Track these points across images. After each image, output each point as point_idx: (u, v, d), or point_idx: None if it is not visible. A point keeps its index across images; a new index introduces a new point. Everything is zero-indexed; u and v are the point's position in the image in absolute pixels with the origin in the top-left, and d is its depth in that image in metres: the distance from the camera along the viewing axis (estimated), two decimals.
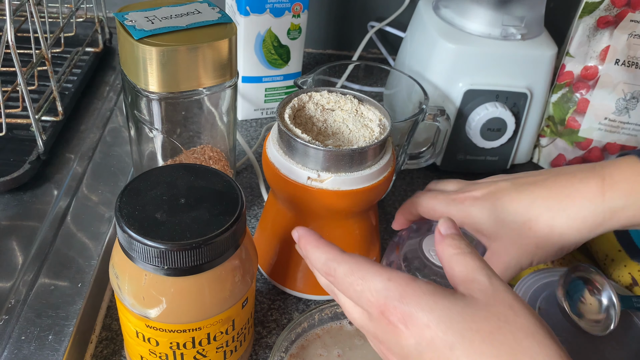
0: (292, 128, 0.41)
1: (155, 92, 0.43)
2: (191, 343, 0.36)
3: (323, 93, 0.45)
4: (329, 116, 0.45)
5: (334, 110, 0.45)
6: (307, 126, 0.44)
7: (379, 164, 0.42)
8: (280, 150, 0.42)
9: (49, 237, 0.49)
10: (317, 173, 0.41)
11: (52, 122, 0.59)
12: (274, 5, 0.62)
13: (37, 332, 0.42)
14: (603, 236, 0.46)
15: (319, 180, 0.41)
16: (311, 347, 0.42)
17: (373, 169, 0.42)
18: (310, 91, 0.46)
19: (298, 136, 0.40)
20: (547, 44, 0.60)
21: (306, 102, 0.45)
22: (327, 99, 0.45)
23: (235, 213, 0.34)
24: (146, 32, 0.41)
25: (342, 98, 0.45)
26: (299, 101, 0.45)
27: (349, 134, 0.43)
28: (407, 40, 0.69)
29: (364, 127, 0.43)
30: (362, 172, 0.41)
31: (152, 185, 0.35)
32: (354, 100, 0.45)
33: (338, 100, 0.45)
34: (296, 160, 0.42)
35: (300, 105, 0.45)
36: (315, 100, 0.45)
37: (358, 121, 0.44)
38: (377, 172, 0.42)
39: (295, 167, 0.41)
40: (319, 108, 0.45)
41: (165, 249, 0.31)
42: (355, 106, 0.45)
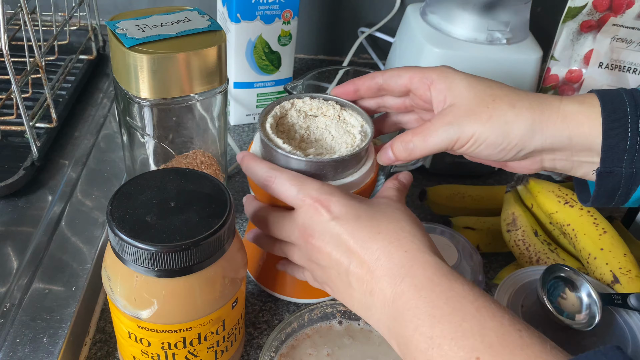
0: (274, 138, 0.41)
1: (147, 99, 0.44)
2: (182, 343, 0.37)
3: (305, 99, 0.45)
4: (312, 122, 0.45)
5: (316, 116, 0.45)
6: (289, 134, 0.44)
7: (361, 171, 0.42)
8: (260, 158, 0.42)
9: (43, 242, 0.50)
10: None
11: (47, 129, 0.60)
12: (265, 12, 0.63)
13: (31, 335, 0.42)
14: (586, 235, 0.47)
15: None
16: (301, 347, 0.43)
17: (355, 176, 0.42)
18: (293, 98, 0.45)
19: (279, 146, 0.40)
20: (532, 48, 0.62)
21: (288, 110, 0.45)
22: (309, 105, 0.45)
23: (223, 215, 0.35)
24: (137, 40, 0.43)
25: (324, 104, 0.45)
26: (281, 109, 0.44)
27: (332, 140, 0.43)
28: (396, 45, 0.70)
29: (347, 134, 0.43)
30: (343, 180, 0.41)
31: (142, 189, 0.36)
32: (336, 106, 0.45)
33: (320, 106, 0.45)
34: None
35: (282, 113, 0.45)
36: (298, 107, 0.45)
37: (341, 127, 0.44)
38: (359, 179, 0.42)
39: None
40: (301, 115, 0.45)
41: (155, 250, 0.32)
42: (338, 112, 0.45)
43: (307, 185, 0.38)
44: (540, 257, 0.49)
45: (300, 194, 0.37)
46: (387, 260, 0.34)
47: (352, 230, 0.35)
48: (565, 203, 0.49)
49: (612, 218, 0.55)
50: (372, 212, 0.37)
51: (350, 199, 0.37)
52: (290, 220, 0.39)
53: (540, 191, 0.51)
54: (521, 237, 0.50)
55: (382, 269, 0.33)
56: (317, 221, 0.36)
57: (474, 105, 0.39)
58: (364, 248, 0.34)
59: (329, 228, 0.36)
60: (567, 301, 0.40)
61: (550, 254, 0.49)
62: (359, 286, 0.35)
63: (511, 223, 0.51)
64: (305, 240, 0.37)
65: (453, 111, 0.40)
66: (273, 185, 0.39)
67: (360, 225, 0.35)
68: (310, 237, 0.37)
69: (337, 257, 0.36)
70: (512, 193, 0.53)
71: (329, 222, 0.36)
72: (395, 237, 0.35)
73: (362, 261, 0.34)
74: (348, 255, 0.35)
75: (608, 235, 0.46)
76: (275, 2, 0.63)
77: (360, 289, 0.35)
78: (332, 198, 0.37)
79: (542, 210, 0.51)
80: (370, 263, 0.34)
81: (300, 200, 0.37)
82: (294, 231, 0.38)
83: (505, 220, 0.52)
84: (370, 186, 0.44)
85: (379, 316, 0.34)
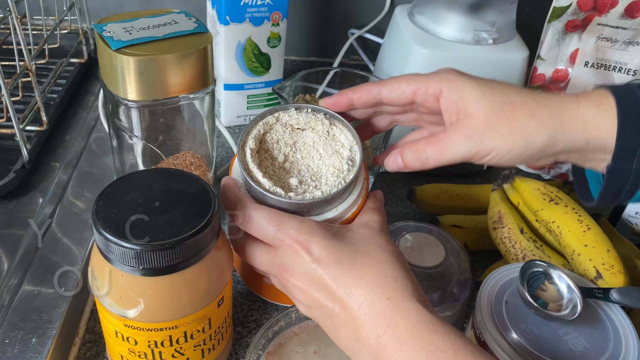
0: (253, 169, 0.39)
1: (134, 101, 0.45)
2: (169, 341, 0.37)
3: (291, 112, 0.42)
4: (299, 138, 0.42)
5: (304, 129, 0.42)
6: (273, 152, 0.41)
7: (347, 202, 0.40)
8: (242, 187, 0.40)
9: (33, 243, 0.51)
10: None
11: (37, 132, 0.60)
12: (253, 14, 0.64)
13: (20, 336, 0.43)
14: (571, 232, 0.47)
15: None
16: (288, 345, 0.43)
17: (340, 209, 0.40)
18: (278, 111, 0.42)
19: (258, 182, 0.38)
20: (518, 47, 0.62)
21: (273, 125, 0.42)
22: (295, 119, 0.42)
23: (208, 214, 0.35)
24: (124, 42, 0.43)
25: (312, 118, 0.42)
26: (265, 126, 0.42)
27: (319, 160, 0.41)
28: (385, 46, 0.70)
29: (335, 154, 0.41)
30: (326, 215, 0.39)
31: (128, 189, 0.36)
32: (325, 121, 0.42)
33: (308, 120, 0.42)
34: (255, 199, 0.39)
35: (266, 130, 0.42)
36: (284, 121, 0.42)
37: (329, 146, 0.41)
38: (345, 212, 0.40)
39: None
40: (287, 129, 0.42)
41: (139, 249, 0.33)
42: (327, 127, 0.42)
43: (286, 224, 0.36)
44: (526, 254, 0.49)
45: (278, 233, 0.36)
46: (370, 308, 0.33)
47: (334, 275, 0.35)
48: (551, 200, 0.50)
49: (598, 215, 0.56)
50: (353, 253, 0.36)
51: (330, 240, 0.36)
52: (269, 256, 0.38)
53: (526, 189, 0.52)
54: (507, 234, 0.50)
55: (366, 317, 0.33)
56: (298, 263, 0.36)
57: (493, 116, 0.38)
58: (348, 295, 0.34)
59: (310, 271, 0.35)
60: (548, 294, 0.40)
61: (536, 251, 0.49)
62: (344, 331, 0.35)
63: (497, 221, 0.52)
64: (286, 279, 0.37)
65: (471, 124, 0.38)
66: (248, 225, 0.37)
67: (343, 270, 0.35)
68: (291, 277, 0.36)
69: (321, 300, 0.35)
70: (498, 191, 0.54)
71: (310, 264, 0.35)
72: (377, 283, 0.34)
73: (346, 307, 0.34)
74: (332, 300, 0.35)
75: (592, 232, 0.47)
76: (264, 5, 0.64)
77: (346, 334, 0.35)
78: (311, 239, 0.36)
79: (528, 207, 0.52)
80: (354, 310, 0.34)
81: (279, 241, 0.36)
82: (274, 267, 0.37)
83: (492, 218, 0.52)
84: (358, 211, 0.41)
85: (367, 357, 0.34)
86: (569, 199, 0.50)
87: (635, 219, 0.57)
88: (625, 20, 0.58)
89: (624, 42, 0.59)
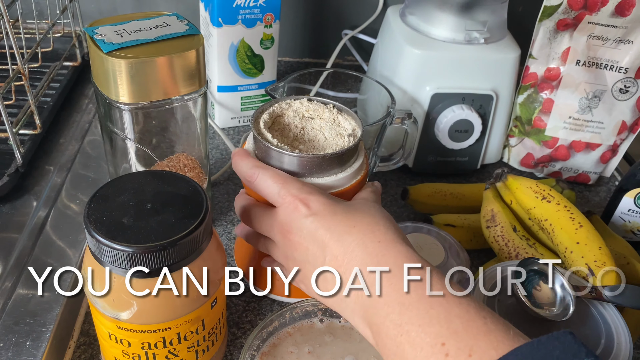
0: (264, 132, 0.43)
1: (126, 103, 0.45)
2: (162, 343, 0.37)
3: (303, 101, 0.47)
4: (308, 124, 0.46)
5: (313, 118, 0.46)
6: (284, 132, 0.45)
7: (347, 171, 0.43)
8: (252, 154, 0.44)
9: (27, 246, 0.51)
10: None
11: (31, 136, 0.60)
12: (246, 16, 0.64)
13: (15, 339, 0.43)
14: (563, 230, 0.47)
15: None
16: (282, 345, 0.43)
17: (339, 175, 0.43)
18: (290, 99, 0.47)
19: (267, 140, 0.42)
20: (510, 46, 0.62)
21: (285, 110, 0.46)
22: (306, 107, 0.46)
23: (199, 216, 0.35)
24: (115, 45, 0.43)
25: (321, 107, 0.46)
26: (279, 108, 0.46)
27: (324, 142, 0.44)
28: (378, 47, 0.71)
29: (338, 136, 0.45)
30: (327, 178, 0.42)
31: (119, 192, 0.36)
32: (332, 110, 0.46)
33: (317, 109, 0.46)
34: (265, 163, 0.43)
35: (279, 112, 0.46)
36: (295, 108, 0.46)
37: (334, 130, 0.45)
38: (344, 179, 0.43)
39: None
40: (298, 115, 0.46)
41: (131, 251, 0.33)
42: (334, 115, 0.46)
43: (290, 184, 0.39)
44: (519, 252, 0.49)
45: (282, 191, 0.38)
46: (362, 250, 0.35)
47: (328, 226, 0.36)
48: (543, 199, 0.50)
49: (590, 213, 0.56)
50: (348, 208, 0.38)
51: (328, 198, 0.38)
52: (270, 217, 0.40)
53: (518, 187, 0.52)
54: (500, 233, 0.51)
55: (356, 260, 0.35)
56: (295, 218, 0.38)
57: None
58: (339, 241, 0.36)
59: (307, 224, 0.37)
60: (542, 293, 0.41)
61: (528, 249, 0.49)
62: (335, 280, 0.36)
63: (490, 219, 0.52)
64: (284, 237, 0.39)
65: None
66: (255, 182, 0.40)
67: (336, 220, 0.37)
68: (288, 233, 0.38)
69: (314, 251, 0.37)
70: (491, 190, 0.54)
71: (307, 217, 0.37)
72: (369, 230, 0.36)
73: (336, 254, 0.36)
74: (323, 249, 0.36)
75: (584, 230, 0.47)
76: (257, 6, 0.64)
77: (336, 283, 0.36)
78: (311, 196, 0.38)
79: (520, 206, 0.52)
80: (345, 255, 0.35)
81: (281, 198, 0.38)
82: (274, 227, 0.39)
83: (485, 216, 0.52)
84: (356, 187, 0.44)
85: (353, 307, 0.35)
86: (561, 197, 0.50)
87: (628, 216, 0.57)
88: (615, 18, 0.58)
89: (615, 40, 0.60)
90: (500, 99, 0.63)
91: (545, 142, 0.66)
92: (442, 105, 0.61)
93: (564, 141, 0.65)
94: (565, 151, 0.66)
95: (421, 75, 0.61)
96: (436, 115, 0.61)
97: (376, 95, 0.60)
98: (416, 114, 0.61)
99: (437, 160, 0.65)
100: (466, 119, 0.61)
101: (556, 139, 0.65)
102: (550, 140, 0.66)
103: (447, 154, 0.64)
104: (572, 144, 0.65)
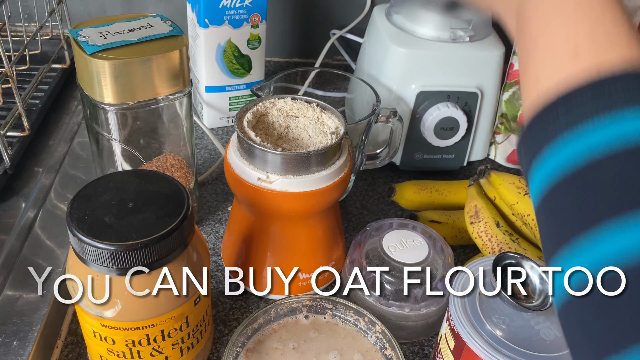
0: (247, 131, 0.43)
1: (111, 104, 0.45)
2: (146, 340, 0.38)
3: (287, 100, 0.47)
4: (292, 122, 0.47)
5: (297, 117, 0.47)
6: (268, 131, 0.46)
7: (329, 169, 0.44)
8: (237, 152, 0.45)
9: (15, 247, 0.51)
10: (266, 174, 0.43)
11: (19, 138, 0.61)
12: (232, 16, 0.65)
13: (1, 339, 0.43)
14: None
15: (267, 181, 0.43)
16: (267, 341, 0.44)
17: (322, 173, 0.43)
18: (274, 98, 0.47)
19: (250, 139, 0.43)
20: (494, 44, 0.63)
21: (269, 109, 0.47)
22: (290, 106, 0.47)
23: (180, 214, 0.36)
24: (99, 46, 0.44)
25: (305, 106, 0.47)
26: (262, 107, 0.47)
27: (308, 140, 0.45)
28: (364, 46, 0.71)
29: (322, 134, 0.45)
30: (310, 176, 0.43)
31: (102, 191, 0.37)
32: (316, 109, 0.47)
33: (301, 107, 0.47)
34: (249, 161, 0.44)
35: (263, 111, 0.47)
36: (279, 107, 0.47)
37: (317, 128, 0.46)
38: (327, 177, 0.44)
39: (248, 168, 0.44)
40: (282, 114, 0.47)
41: (113, 249, 0.33)
42: (317, 114, 0.47)
43: None
44: (502, 248, 0.50)
45: None
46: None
47: None
48: (526, 194, 0.50)
49: None
50: None
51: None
52: None
53: (501, 183, 0.52)
54: (484, 228, 0.51)
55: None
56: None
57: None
58: None
59: None
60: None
61: (512, 244, 0.50)
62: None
63: (474, 215, 0.52)
64: None
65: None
66: None
67: None
68: None
69: None
70: (474, 186, 0.55)
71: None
72: None
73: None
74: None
75: None
76: (243, 7, 0.64)
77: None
78: None
79: (504, 201, 0.52)
80: None
81: None
82: None
83: (469, 212, 0.53)
84: (340, 185, 0.45)
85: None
86: None
87: None
88: None
89: None
90: (485, 96, 0.63)
91: None
92: (427, 103, 0.62)
93: None
94: None
95: (406, 73, 0.61)
96: (422, 113, 0.62)
97: (363, 94, 0.61)
98: (402, 112, 0.62)
99: (424, 158, 0.65)
100: (451, 116, 0.61)
101: None
102: None
103: (434, 152, 0.65)
104: None
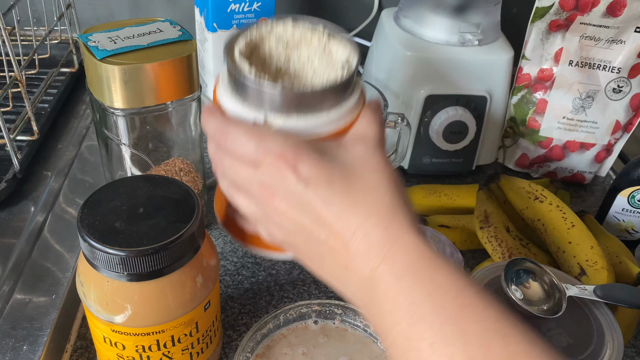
0: (239, 63, 0.34)
1: (120, 109, 0.45)
2: (156, 345, 0.38)
3: (287, 25, 0.38)
4: (293, 54, 0.38)
5: (299, 47, 0.38)
6: (264, 65, 0.37)
7: (340, 109, 0.35)
8: (228, 90, 0.35)
9: (25, 251, 0.51)
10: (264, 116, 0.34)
11: (28, 142, 0.61)
12: (240, 20, 0.65)
13: (12, 344, 0.43)
14: (555, 229, 0.48)
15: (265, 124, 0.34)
16: (277, 347, 0.44)
17: (332, 115, 0.34)
18: (272, 22, 0.38)
19: (243, 73, 0.33)
20: (503, 48, 0.63)
21: (265, 37, 0.37)
22: (291, 33, 0.38)
23: (191, 219, 0.35)
24: (108, 51, 0.44)
25: (308, 32, 0.38)
26: (257, 34, 0.37)
27: (313, 75, 0.37)
28: (372, 50, 0.71)
29: (330, 68, 0.37)
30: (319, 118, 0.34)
31: (112, 197, 0.37)
32: (322, 36, 0.38)
33: (304, 35, 0.38)
34: (242, 100, 0.34)
35: (258, 40, 0.37)
36: (277, 34, 0.38)
37: (324, 60, 0.37)
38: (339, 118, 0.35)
39: (241, 108, 0.34)
40: (280, 44, 0.38)
41: (124, 255, 0.33)
42: (324, 43, 0.38)
43: (268, 139, 0.32)
44: (512, 253, 0.50)
45: (259, 150, 0.32)
46: (365, 237, 0.30)
47: (325, 198, 0.31)
48: (535, 199, 0.50)
49: (584, 212, 0.56)
50: (346, 175, 0.32)
51: (320, 156, 0.31)
52: (250, 171, 0.33)
53: (511, 188, 0.52)
54: (493, 233, 0.51)
55: (359, 247, 0.30)
56: (281, 182, 0.31)
57: None
58: (339, 220, 0.31)
59: (297, 192, 0.31)
60: (531, 291, 0.41)
61: (522, 249, 0.50)
62: (333, 258, 0.32)
63: (484, 220, 0.52)
64: (266, 201, 0.32)
65: None
66: (227, 143, 0.33)
67: (334, 193, 0.31)
68: (272, 198, 0.32)
69: (306, 225, 0.32)
70: (484, 191, 0.54)
71: (297, 184, 0.31)
72: (374, 211, 0.31)
73: (336, 234, 0.31)
74: (319, 224, 0.31)
75: (576, 229, 0.47)
76: (251, 11, 0.64)
77: (334, 262, 0.32)
78: (298, 156, 0.31)
79: (513, 206, 0.52)
80: (346, 238, 0.30)
81: (260, 158, 0.32)
82: (252, 185, 0.33)
83: (478, 217, 0.53)
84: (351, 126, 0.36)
85: (355, 292, 0.31)
86: (554, 197, 0.50)
87: (622, 215, 0.57)
88: (607, 18, 0.59)
89: (607, 40, 0.60)
90: (494, 100, 0.63)
91: (540, 143, 0.66)
92: (436, 106, 0.61)
93: (559, 141, 0.65)
94: (560, 151, 0.66)
95: (415, 77, 0.61)
96: (430, 116, 0.62)
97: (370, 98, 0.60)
98: (410, 116, 0.61)
99: (432, 162, 0.65)
100: (460, 120, 0.61)
101: (550, 139, 0.66)
102: (544, 141, 0.66)
103: (442, 155, 0.64)
104: (567, 144, 0.66)
